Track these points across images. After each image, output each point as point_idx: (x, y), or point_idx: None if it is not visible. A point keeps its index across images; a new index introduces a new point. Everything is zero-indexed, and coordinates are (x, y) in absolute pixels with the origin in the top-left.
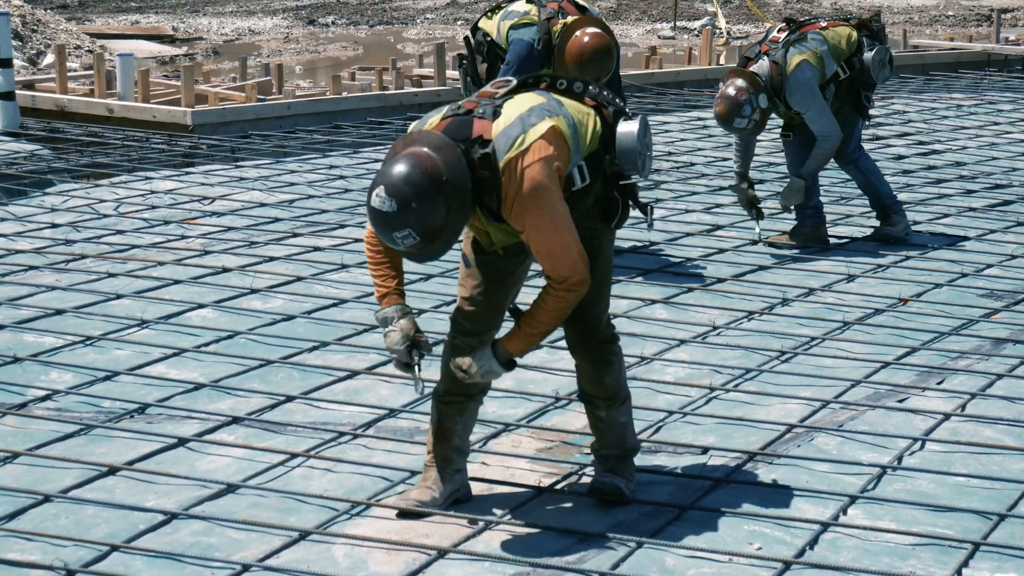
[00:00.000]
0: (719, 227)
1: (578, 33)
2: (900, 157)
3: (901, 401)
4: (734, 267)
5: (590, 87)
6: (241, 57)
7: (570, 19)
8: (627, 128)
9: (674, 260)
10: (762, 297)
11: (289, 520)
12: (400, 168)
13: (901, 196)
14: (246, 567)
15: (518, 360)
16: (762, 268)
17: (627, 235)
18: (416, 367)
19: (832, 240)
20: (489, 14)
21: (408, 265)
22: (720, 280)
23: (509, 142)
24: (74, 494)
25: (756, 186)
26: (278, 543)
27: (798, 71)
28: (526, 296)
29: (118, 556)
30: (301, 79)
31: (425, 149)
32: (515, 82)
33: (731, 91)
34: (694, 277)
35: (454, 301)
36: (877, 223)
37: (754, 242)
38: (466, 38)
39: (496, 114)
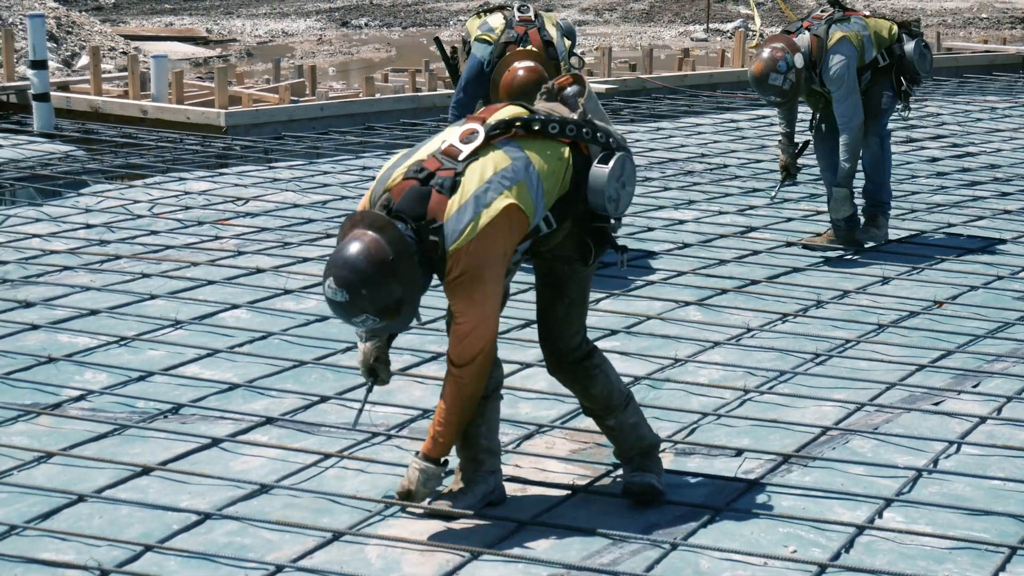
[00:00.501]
0: (753, 229)
1: (514, 66)
2: (934, 159)
3: (936, 404)
4: (768, 269)
5: (568, 128)
6: (274, 59)
7: (529, 47)
8: (599, 171)
9: (708, 262)
10: (796, 299)
11: (323, 521)
12: (345, 256)
13: (935, 198)
14: (279, 568)
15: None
16: (796, 270)
17: (662, 237)
18: (366, 393)
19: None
20: (479, 14)
21: None
22: (754, 282)
23: (457, 233)
24: (108, 494)
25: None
26: (312, 544)
27: (838, 45)
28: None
29: (152, 556)
30: (334, 81)
31: (369, 232)
32: (483, 136)
33: (766, 50)
34: (728, 279)
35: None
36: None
37: (771, 198)
38: (454, 47)
39: (454, 186)
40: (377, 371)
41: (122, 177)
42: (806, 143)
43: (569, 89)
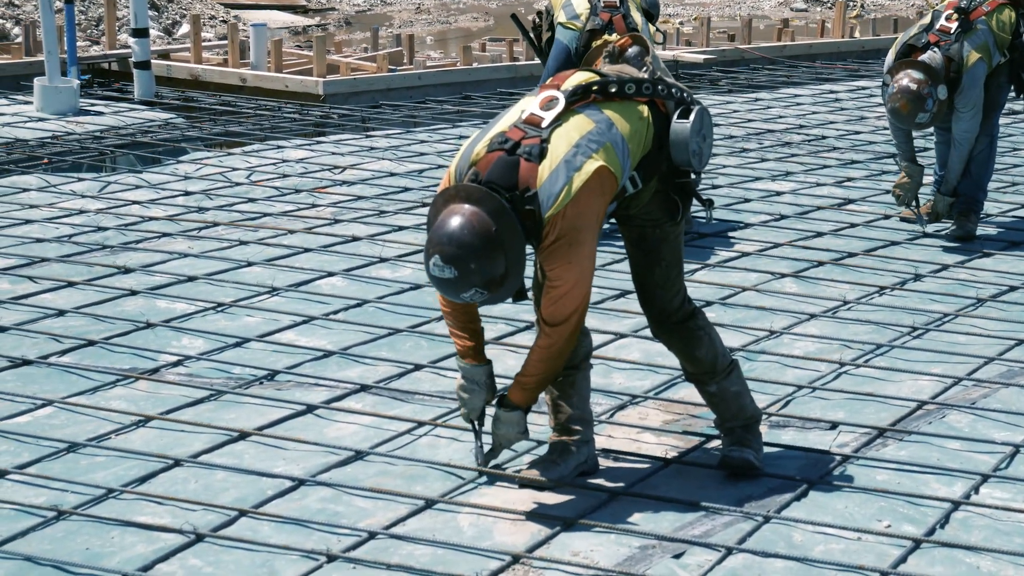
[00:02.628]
0: (851, 201)
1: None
2: None
3: None
4: (865, 242)
5: (644, 87)
6: (373, 28)
7: (614, 36)
8: (680, 126)
9: (804, 234)
10: (894, 272)
11: (415, 488)
12: (449, 231)
13: None
14: (372, 534)
15: (529, 408)
16: (894, 243)
17: (758, 208)
18: (478, 433)
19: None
20: None
21: None
22: (851, 254)
23: (553, 197)
24: (204, 459)
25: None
26: (404, 511)
27: (974, 69)
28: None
29: (246, 521)
30: (432, 50)
31: (467, 206)
32: (563, 103)
33: (911, 84)
34: (825, 251)
35: None
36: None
37: (924, 233)
38: (539, 12)
39: (542, 153)
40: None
41: (221, 145)
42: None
43: (631, 50)
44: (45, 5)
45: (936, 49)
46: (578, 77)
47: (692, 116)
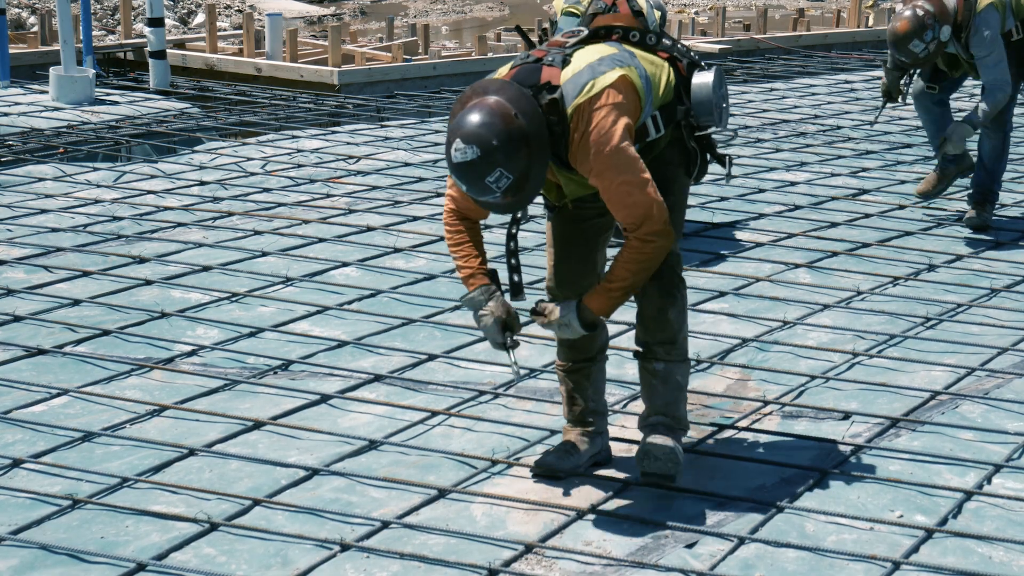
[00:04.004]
0: (865, 191)
1: None
2: None
3: None
4: (879, 232)
5: (664, 39)
6: (388, 17)
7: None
8: (702, 79)
9: (819, 224)
10: (908, 263)
11: (429, 478)
12: (471, 117)
13: None
14: (385, 524)
15: (603, 319)
16: (908, 234)
17: (773, 198)
18: (510, 350)
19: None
20: None
21: None
22: (865, 245)
23: (578, 88)
24: (218, 448)
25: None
26: (417, 500)
27: (986, 13)
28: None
29: (260, 510)
30: (447, 40)
31: (492, 96)
32: (586, 32)
33: (918, 11)
34: (839, 241)
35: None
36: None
37: (871, 123)
38: (544, 27)
39: (565, 62)
40: (512, 324)
41: (236, 134)
42: (914, 72)
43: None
44: None
45: None
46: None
47: (713, 71)
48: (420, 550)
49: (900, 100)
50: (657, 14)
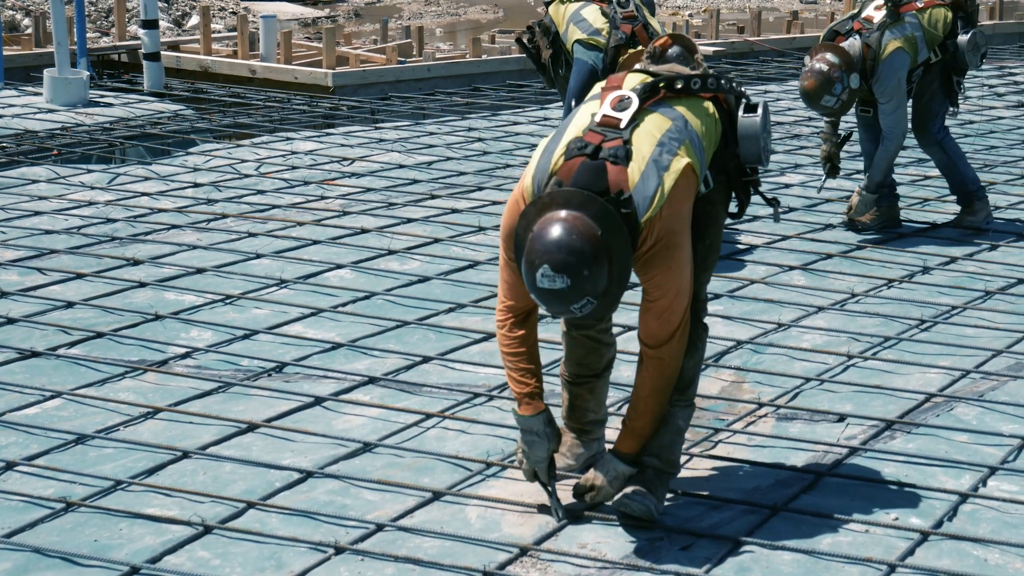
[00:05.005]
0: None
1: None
2: None
3: None
4: (874, 234)
5: (709, 81)
6: (382, 20)
7: (639, 49)
8: (750, 120)
9: (813, 226)
10: (902, 265)
11: (423, 481)
12: (556, 239)
13: None
14: (380, 526)
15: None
16: (902, 236)
17: None
18: (551, 489)
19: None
20: (562, 0)
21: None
22: (860, 247)
23: (648, 199)
24: (212, 451)
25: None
26: (412, 503)
27: (892, 58)
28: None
29: (254, 513)
30: (441, 42)
31: (567, 211)
32: (637, 102)
33: (823, 66)
34: (833, 243)
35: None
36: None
37: (818, 190)
38: (529, 26)
39: (628, 155)
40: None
41: (230, 136)
42: (849, 134)
43: (672, 49)
44: None
45: (857, 36)
46: (636, 77)
47: (760, 111)
48: (415, 553)
49: (839, 168)
50: (655, 25)
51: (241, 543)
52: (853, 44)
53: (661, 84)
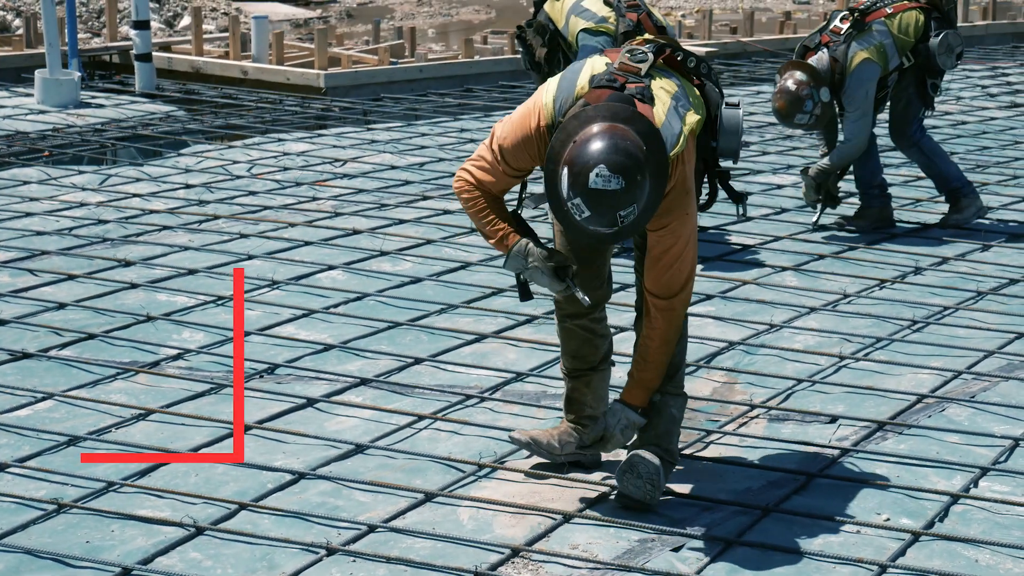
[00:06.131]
0: (851, 194)
1: None
2: None
3: None
4: (866, 235)
5: (702, 65)
6: (374, 20)
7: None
8: (733, 112)
9: (805, 227)
10: (894, 265)
11: (415, 482)
12: (612, 142)
13: None
14: (372, 528)
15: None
16: (894, 237)
17: (759, 202)
18: (574, 287)
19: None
20: None
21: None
22: (852, 248)
23: (675, 136)
24: (204, 452)
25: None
26: (404, 504)
27: (859, 70)
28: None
29: (246, 515)
30: (433, 42)
31: (626, 127)
32: (652, 57)
33: (791, 85)
34: (825, 244)
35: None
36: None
37: (813, 226)
38: (519, 26)
39: (652, 97)
40: (562, 265)
41: (222, 138)
42: (845, 170)
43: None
44: None
45: (825, 49)
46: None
47: (740, 107)
48: (406, 554)
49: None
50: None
51: (233, 544)
52: (821, 58)
53: (666, 48)
